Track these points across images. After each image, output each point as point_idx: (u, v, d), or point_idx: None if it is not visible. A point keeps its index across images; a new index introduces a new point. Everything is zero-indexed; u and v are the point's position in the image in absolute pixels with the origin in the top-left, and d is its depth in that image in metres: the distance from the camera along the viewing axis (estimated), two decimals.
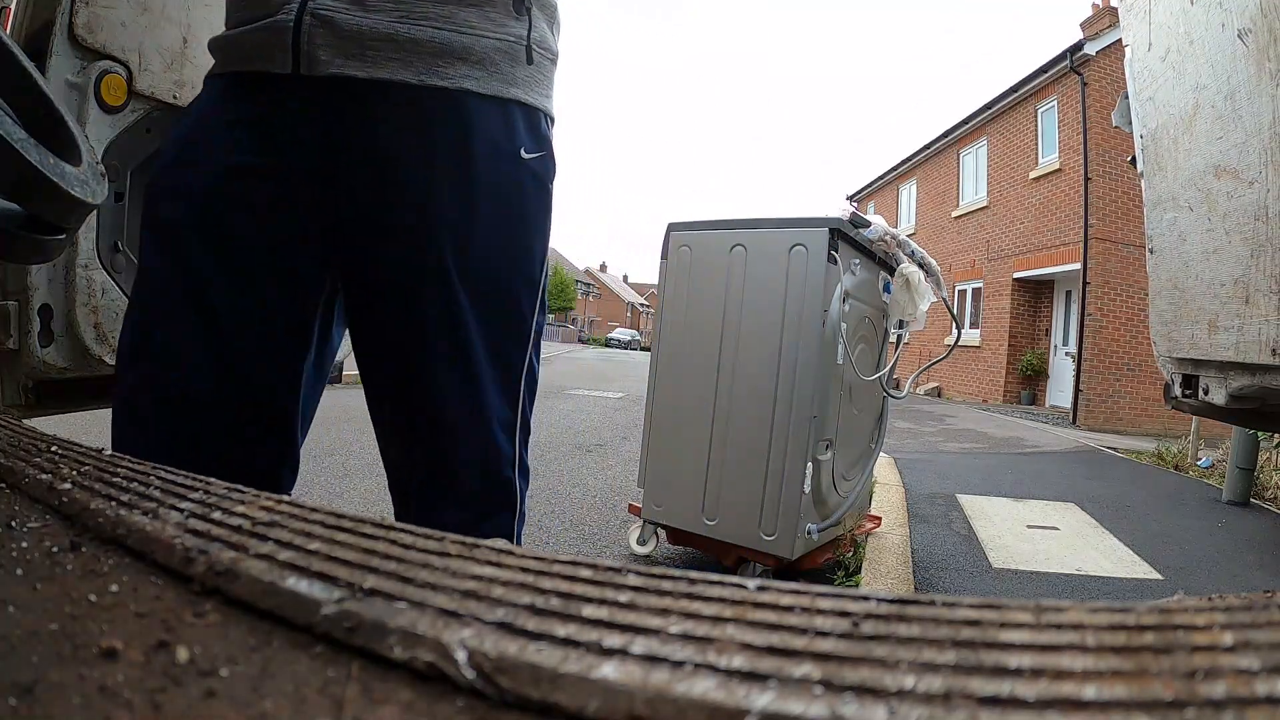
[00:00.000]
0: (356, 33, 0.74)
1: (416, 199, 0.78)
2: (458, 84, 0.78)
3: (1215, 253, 1.60)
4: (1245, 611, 0.26)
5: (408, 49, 0.76)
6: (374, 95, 0.76)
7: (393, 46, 0.75)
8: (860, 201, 17.78)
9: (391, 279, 0.80)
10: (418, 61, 0.76)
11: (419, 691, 0.22)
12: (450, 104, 0.78)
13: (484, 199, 0.80)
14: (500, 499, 0.88)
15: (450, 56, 0.77)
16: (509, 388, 0.87)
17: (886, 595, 0.27)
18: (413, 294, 0.80)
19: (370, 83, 0.75)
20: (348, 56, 0.75)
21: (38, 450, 0.45)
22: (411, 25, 0.76)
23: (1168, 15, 1.76)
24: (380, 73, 0.75)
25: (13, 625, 0.25)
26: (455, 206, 0.79)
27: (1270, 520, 4.00)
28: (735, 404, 2.27)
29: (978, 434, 7.45)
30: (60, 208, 0.47)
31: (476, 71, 0.79)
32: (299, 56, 0.74)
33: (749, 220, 2.34)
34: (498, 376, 0.85)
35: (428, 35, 0.76)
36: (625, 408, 7.39)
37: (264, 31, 0.75)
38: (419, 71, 0.76)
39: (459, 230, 0.79)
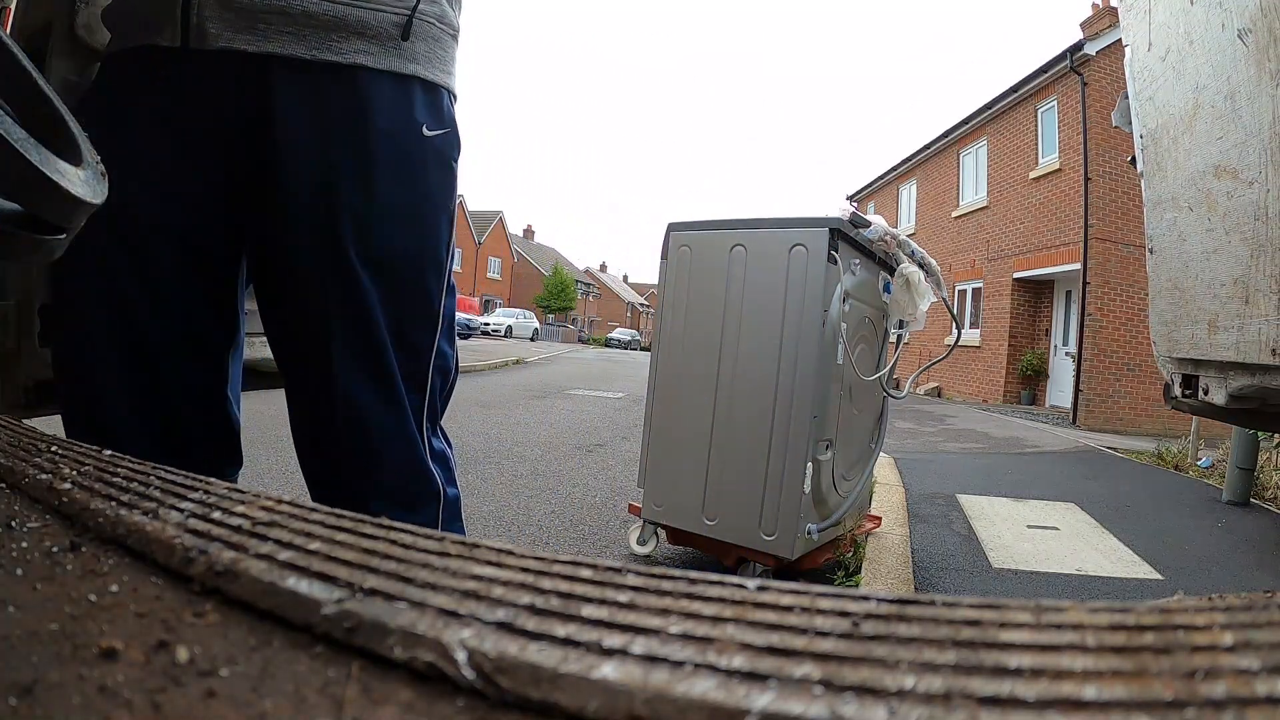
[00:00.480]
0: (248, 5, 0.72)
1: (313, 179, 0.75)
2: (351, 59, 0.75)
3: (1215, 253, 1.60)
4: (1245, 611, 0.26)
5: (300, 22, 0.73)
6: (265, 70, 0.73)
7: (284, 19, 0.73)
8: (860, 201, 17.77)
9: (293, 263, 0.78)
10: (310, 35, 0.74)
11: (419, 691, 0.22)
12: (345, 80, 0.75)
13: (384, 179, 0.77)
14: (422, 489, 0.86)
15: (344, 30, 0.75)
16: (417, 374, 0.85)
17: (886, 595, 0.27)
18: (314, 278, 0.77)
19: (261, 57, 0.72)
20: (237, 30, 0.72)
21: (38, 450, 0.45)
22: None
23: (1168, 15, 1.76)
24: (271, 46, 0.72)
25: (13, 625, 0.25)
26: (354, 187, 0.76)
27: (1270, 520, 4.00)
28: (735, 404, 2.27)
29: (978, 434, 7.46)
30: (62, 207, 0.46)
31: (372, 47, 0.76)
32: (188, 29, 0.71)
33: (749, 220, 2.34)
34: (406, 363, 0.83)
35: (321, 8, 0.73)
36: (625, 408, 7.39)
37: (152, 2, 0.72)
38: (311, 46, 0.74)
39: (359, 211, 0.77)
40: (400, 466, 0.84)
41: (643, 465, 2.51)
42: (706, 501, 2.32)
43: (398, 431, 0.83)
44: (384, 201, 0.78)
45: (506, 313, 31.96)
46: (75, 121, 0.49)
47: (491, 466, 3.87)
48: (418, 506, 0.86)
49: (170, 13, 0.71)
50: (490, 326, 27.85)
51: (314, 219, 0.76)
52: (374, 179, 0.77)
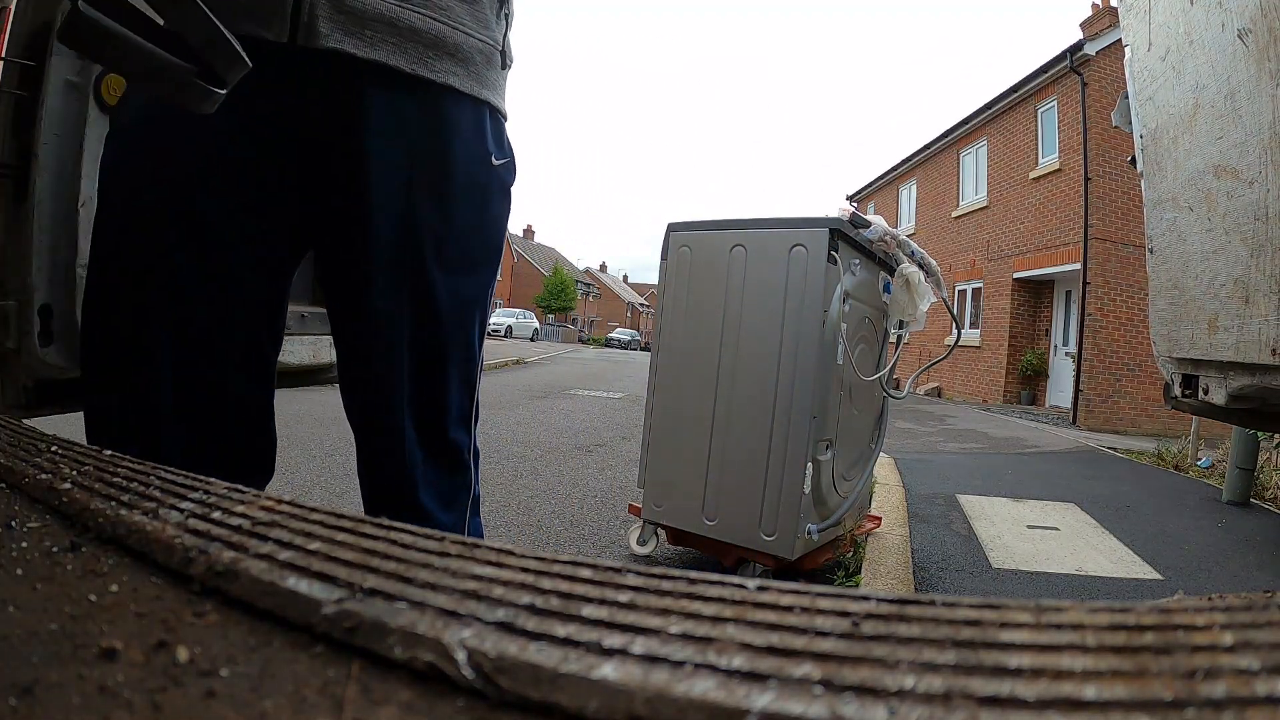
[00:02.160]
0: (360, 11, 0.73)
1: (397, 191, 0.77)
2: (444, 79, 0.78)
3: (1215, 253, 1.60)
4: (1245, 611, 0.26)
5: (405, 35, 0.75)
6: (366, 76, 0.75)
7: (391, 30, 0.74)
8: (860, 201, 17.78)
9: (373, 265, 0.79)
10: (412, 49, 0.76)
11: (419, 691, 0.22)
12: (433, 99, 0.78)
13: (460, 202, 0.81)
14: (460, 483, 0.91)
15: (441, 50, 0.78)
16: (469, 382, 0.91)
17: (886, 595, 0.27)
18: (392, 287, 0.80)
19: (365, 63, 0.74)
20: (347, 33, 0.73)
21: (38, 450, 0.45)
22: (411, 12, 0.75)
23: (1168, 15, 1.76)
24: (376, 54, 0.74)
25: (13, 625, 0.25)
26: (434, 207, 0.80)
27: (1270, 520, 4.00)
28: (735, 404, 2.27)
29: (978, 434, 7.46)
30: (235, 65, 0.59)
31: (460, 69, 0.80)
32: (298, 26, 0.71)
33: (749, 220, 2.34)
34: (463, 373, 0.89)
35: (425, 25, 0.76)
36: (625, 408, 7.39)
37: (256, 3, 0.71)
38: (412, 60, 0.76)
39: (438, 230, 0.80)
40: (450, 460, 0.89)
41: (643, 465, 2.51)
42: (706, 502, 2.32)
43: (454, 427, 0.89)
44: (459, 223, 0.82)
45: (506, 313, 31.97)
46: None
47: (492, 466, 3.86)
48: (455, 499, 0.91)
49: (281, 8, 0.71)
50: (490, 327, 27.78)
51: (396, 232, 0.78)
52: (452, 201, 0.81)
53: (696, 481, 2.33)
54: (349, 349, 0.86)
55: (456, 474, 0.91)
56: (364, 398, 0.87)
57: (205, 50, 0.57)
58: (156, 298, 0.74)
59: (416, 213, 0.79)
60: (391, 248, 0.79)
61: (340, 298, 0.84)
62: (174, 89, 0.58)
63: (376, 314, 0.81)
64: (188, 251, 0.74)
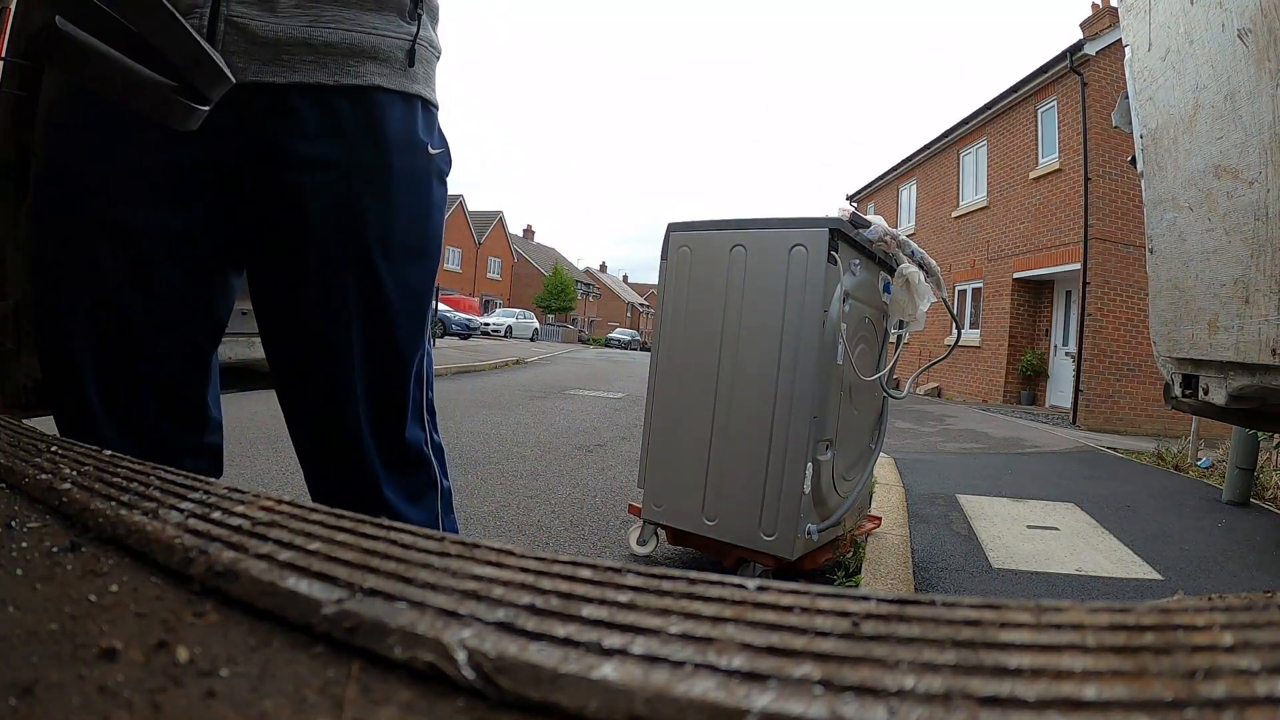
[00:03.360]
0: (272, 40, 0.76)
1: (339, 194, 0.80)
2: (369, 80, 0.81)
3: (1215, 253, 1.60)
4: (1245, 611, 0.26)
5: (321, 51, 0.78)
6: (290, 97, 0.78)
7: (306, 50, 0.77)
8: (860, 201, 17.78)
9: (314, 264, 0.81)
10: (330, 63, 0.79)
11: (419, 691, 0.22)
12: (363, 100, 0.81)
13: (399, 191, 0.84)
14: (425, 481, 0.92)
15: (360, 56, 0.81)
16: (421, 376, 0.92)
17: (886, 595, 0.27)
18: (336, 279, 0.82)
19: (287, 86, 0.77)
20: (264, 62, 0.76)
21: (38, 450, 0.45)
22: (322, 29, 0.78)
23: (1168, 15, 1.76)
24: (296, 76, 0.77)
25: (13, 625, 0.25)
26: (375, 199, 0.82)
27: (1270, 520, 4.00)
28: (735, 404, 2.27)
29: (978, 434, 7.46)
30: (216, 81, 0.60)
31: (384, 69, 0.82)
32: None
33: (749, 220, 2.34)
34: (417, 367, 0.90)
35: (338, 37, 0.79)
36: (625, 408, 7.39)
37: None
38: (333, 72, 0.79)
39: (380, 221, 0.83)
40: (410, 459, 0.90)
41: (643, 465, 2.51)
42: (706, 502, 2.32)
43: (411, 424, 0.89)
44: (400, 213, 0.84)
45: (506, 313, 31.95)
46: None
47: (492, 467, 3.86)
48: (422, 498, 0.92)
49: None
50: (490, 327, 27.83)
51: (340, 229, 0.81)
52: (392, 191, 0.83)
53: (696, 482, 2.33)
54: (292, 354, 0.87)
55: (420, 471, 0.92)
56: (314, 405, 0.87)
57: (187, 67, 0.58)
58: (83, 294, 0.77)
59: (359, 206, 0.81)
60: (336, 244, 0.81)
61: (281, 303, 0.85)
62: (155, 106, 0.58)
63: (325, 313, 0.83)
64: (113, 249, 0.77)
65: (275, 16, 0.76)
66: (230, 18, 0.74)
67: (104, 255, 0.77)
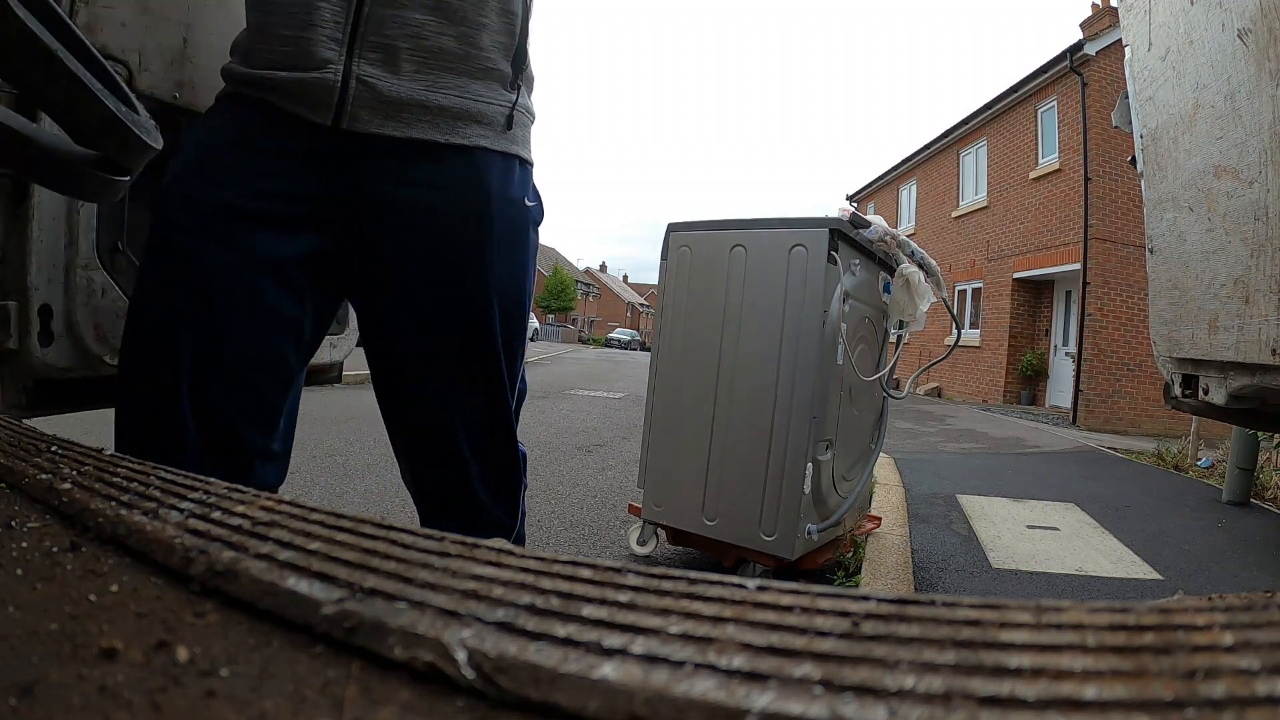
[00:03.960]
0: (394, 99, 0.86)
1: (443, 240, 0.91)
2: (475, 141, 0.92)
3: (1215, 253, 1.60)
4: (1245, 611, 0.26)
5: (435, 113, 0.89)
6: (405, 150, 0.88)
7: (423, 110, 0.88)
8: (860, 201, 17.77)
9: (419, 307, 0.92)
10: (443, 124, 0.90)
11: (419, 691, 0.22)
12: (469, 158, 0.92)
13: (501, 239, 0.94)
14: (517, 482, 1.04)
15: (468, 119, 0.91)
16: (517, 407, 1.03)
17: (886, 595, 0.27)
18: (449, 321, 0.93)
19: (403, 140, 0.88)
20: (385, 118, 0.86)
21: (38, 450, 0.45)
22: (437, 94, 0.89)
23: (1168, 15, 1.76)
24: (413, 132, 0.88)
25: (13, 625, 0.25)
26: (476, 245, 0.92)
27: (1270, 520, 4.00)
28: (735, 404, 2.27)
29: (978, 434, 7.46)
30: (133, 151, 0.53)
31: (488, 132, 0.93)
32: (341, 113, 0.85)
33: (749, 220, 2.34)
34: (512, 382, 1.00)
35: (450, 102, 0.90)
36: (625, 408, 7.39)
37: (307, 83, 0.84)
38: (444, 132, 0.90)
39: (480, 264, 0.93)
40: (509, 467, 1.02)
41: (643, 465, 2.50)
42: (706, 502, 2.32)
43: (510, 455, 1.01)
44: (499, 255, 0.94)
45: None
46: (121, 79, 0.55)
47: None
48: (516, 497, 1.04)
49: (328, 99, 0.85)
50: None
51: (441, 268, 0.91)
52: (496, 238, 0.93)
53: (696, 481, 2.33)
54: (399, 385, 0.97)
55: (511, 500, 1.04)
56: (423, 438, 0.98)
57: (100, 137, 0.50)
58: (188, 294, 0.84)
59: (462, 251, 0.92)
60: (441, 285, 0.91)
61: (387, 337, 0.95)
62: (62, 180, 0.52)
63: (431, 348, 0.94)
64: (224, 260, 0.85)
65: (398, 79, 0.86)
66: (360, 76, 0.85)
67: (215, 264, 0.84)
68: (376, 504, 2.96)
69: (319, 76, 0.84)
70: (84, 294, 1.03)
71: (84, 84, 0.47)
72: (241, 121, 0.88)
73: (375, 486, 3.20)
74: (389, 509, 2.91)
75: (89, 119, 0.49)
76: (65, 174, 0.51)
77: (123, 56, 1.05)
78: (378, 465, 3.61)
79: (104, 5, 1.02)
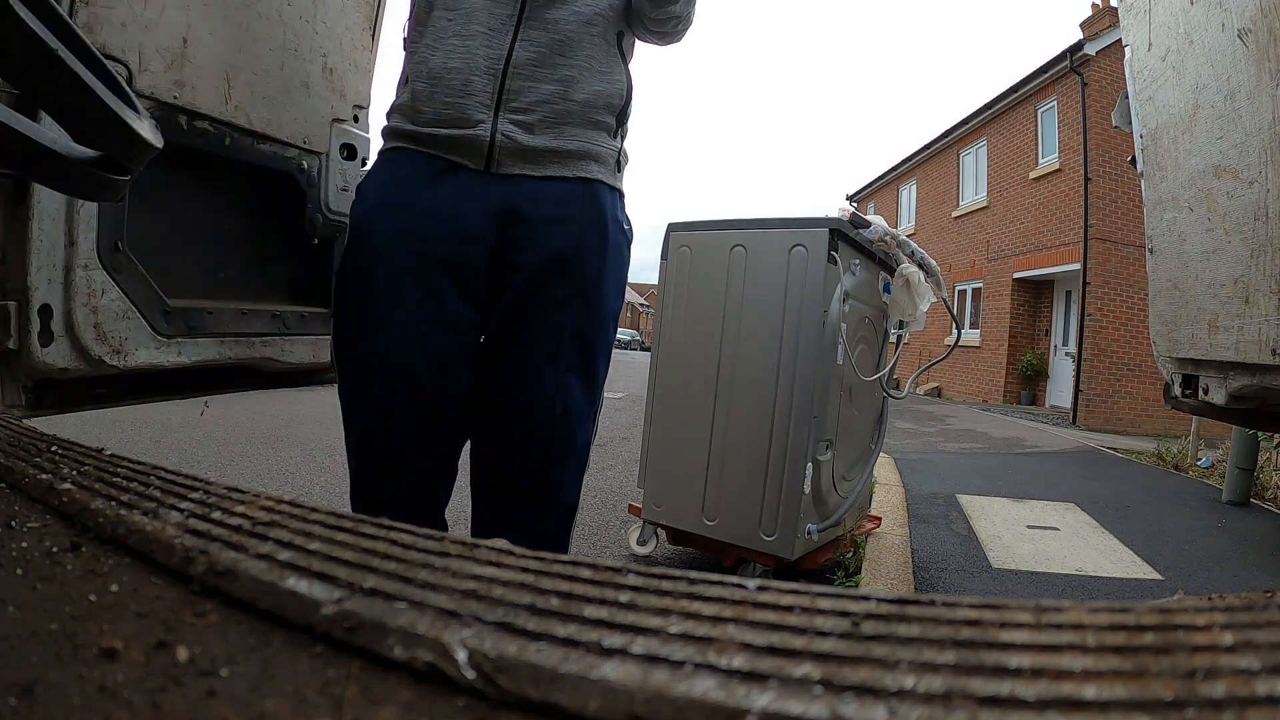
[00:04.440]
0: (531, 149, 1.11)
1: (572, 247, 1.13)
2: (595, 176, 1.16)
3: (1215, 253, 1.60)
4: (1245, 611, 0.26)
5: (563, 156, 1.13)
6: (541, 186, 1.12)
7: (553, 155, 1.12)
8: (860, 201, 17.77)
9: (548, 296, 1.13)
10: (570, 164, 1.14)
11: (419, 691, 0.22)
12: (589, 188, 1.15)
13: (611, 251, 1.18)
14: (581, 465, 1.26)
15: (588, 159, 1.15)
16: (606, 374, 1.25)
17: (886, 595, 0.27)
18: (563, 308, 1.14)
19: (541, 178, 1.12)
20: (525, 163, 1.11)
21: (38, 450, 0.45)
22: (564, 141, 1.13)
23: (1168, 15, 1.76)
24: (547, 172, 1.12)
25: (13, 625, 0.25)
26: (595, 254, 1.15)
27: (1270, 520, 4.00)
28: (735, 404, 2.27)
29: (978, 434, 7.45)
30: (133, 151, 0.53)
31: (602, 169, 1.17)
32: (491, 162, 1.10)
33: (749, 220, 2.34)
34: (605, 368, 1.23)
35: (575, 146, 1.14)
36: (625, 408, 7.38)
37: (464, 139, 1.09)
38: (572, 169, 1.14)
39: (596, 267, 1.16)
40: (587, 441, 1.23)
41: (643, 465, 2.50)
42: (706, 502, 2.32)
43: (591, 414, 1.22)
44: (609, 260, 1.18)
45: None
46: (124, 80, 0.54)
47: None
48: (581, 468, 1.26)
49: (479, 150, 1.10)
50: None
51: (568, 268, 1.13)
52: (606, 250, 1.17)
53: (696, 481, 2.33)
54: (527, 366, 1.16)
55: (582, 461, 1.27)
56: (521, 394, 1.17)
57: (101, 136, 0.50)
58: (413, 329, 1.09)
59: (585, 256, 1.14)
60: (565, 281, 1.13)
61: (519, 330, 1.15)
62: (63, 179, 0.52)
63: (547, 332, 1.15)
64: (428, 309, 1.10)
65: (532, 135, 1.11)
66: (504, 133, 1.09)
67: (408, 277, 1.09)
68: None
69: (474, 135, 1.09)
70: (84, 294, 1.03)
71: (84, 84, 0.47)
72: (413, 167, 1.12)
73: None
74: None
75: (89, 118, 0.49)
76: (65, 174, 0.51)
77: (123, 56, 1.05)
78: None
79: (104, 5, 1.02)
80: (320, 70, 1.34)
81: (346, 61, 1.39)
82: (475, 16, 1.11)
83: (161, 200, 1.13)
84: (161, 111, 1.12)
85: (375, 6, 1.47)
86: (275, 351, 1.30)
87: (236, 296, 1.26)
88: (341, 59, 1.38)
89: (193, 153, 1.14)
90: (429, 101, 1.11)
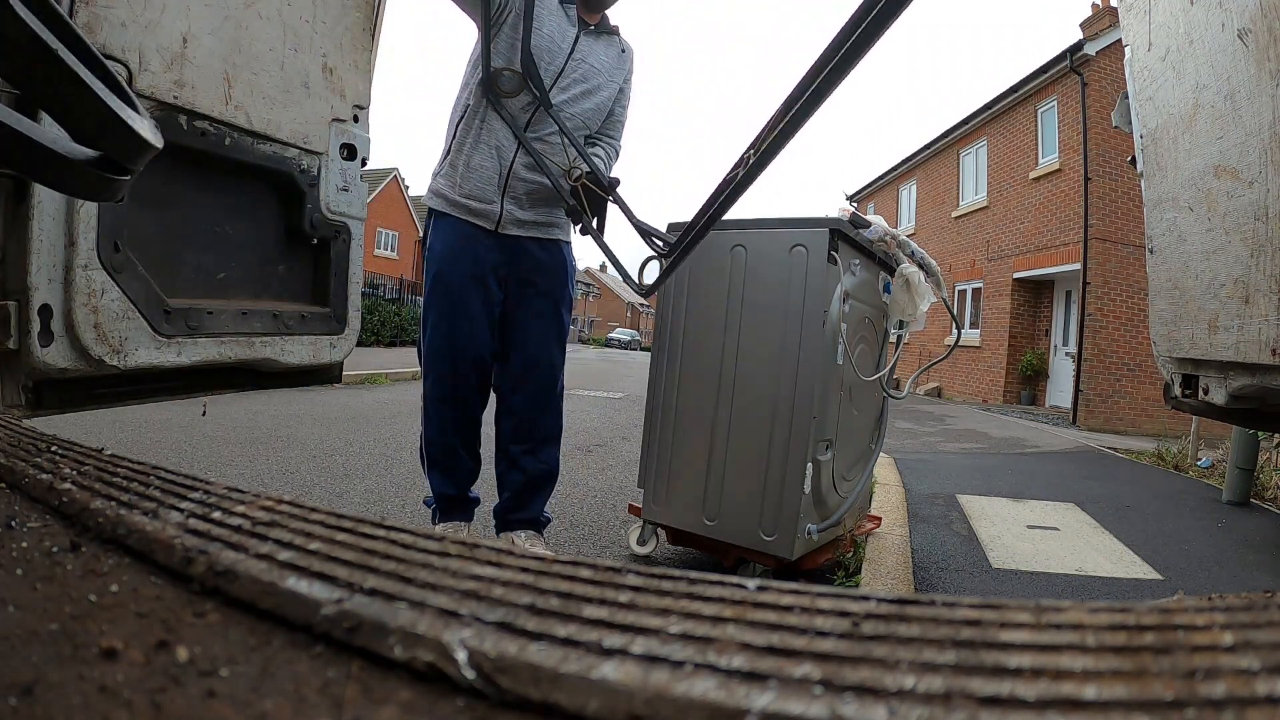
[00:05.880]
0: (525, 220, 2.00)
1: (552, 282, 2.08)
2: (558, 237, 2.08)
3: (1215, 253, 1.60)
4: (1245, 611, 0.26)
5: (544, 223, 2.04)
6: (528, 243, 2.03)
7: (537, 224, 2.02)
8: (860, 201, 17.77)
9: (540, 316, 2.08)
10: (548, 228, 2.05)
11: (419, 691, 0.22)
12: (558, 246, 2.09)
13: (568, 283, 2.13)
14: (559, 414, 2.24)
15: (556, 226, 2.06)
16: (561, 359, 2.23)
17: (886, 595, 0.27)
18: (550, 321, 2.10)
19: (528, 238, 2.02)
20: (520, 228, 2.00)
21: (38, 450, 0.45)
22: (545, 214, 2.04)
23: (1168, 15, 1.76)
24: (535, 234, 2.03)
25: (13, 625, 0.25)
26: (561, 286, 2.10)
27: (1270, 520, 4.00)
28: (735, 404, 2.27)
29: (978, 434, 7.46)
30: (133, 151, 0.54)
31: (563, 232, 2.10)
32: (498, 225, 1.98)
33: (749, 220, 2.34)
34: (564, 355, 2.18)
35: (555, 219, 2.05)
36: (625, 408, 7.39)
37: (484, 211, 1.97)
38: (548, 231, 2.06)
39: (563, 294, 2.11)
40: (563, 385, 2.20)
41: (643, 465, 2.51)
42: (706, 502, 2.32)
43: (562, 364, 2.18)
44: (567, 288, 2.12)
45: None
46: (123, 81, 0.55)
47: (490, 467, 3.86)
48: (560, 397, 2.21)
49: (492, 219, 1.98)
50: None
51: (552, 293, 2.09)
52: (567, 285, 2.12)
53: (696, 481, 2.33)
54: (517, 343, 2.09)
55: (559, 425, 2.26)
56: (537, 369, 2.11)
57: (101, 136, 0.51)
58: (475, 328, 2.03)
59: (556, 288, 2.09)
60: (550, 304, 2.09)
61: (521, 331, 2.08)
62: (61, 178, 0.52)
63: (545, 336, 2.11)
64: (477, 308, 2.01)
65: (524, 210, 2.00)
66: (509, 210, 1.97)
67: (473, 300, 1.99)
68: (376, 504, 2.95)
69: (491, 208, 1.97)
70: (84, 294, 1.03)
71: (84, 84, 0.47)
72: (459, 228, 1.98)
73: (375, 486, 3.20)
74: (389, 509, 2.91)
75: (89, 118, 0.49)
76: (65, 174, 0.51)
77: (123, 56, 1.05)
78: (378, 465, 3.61)
79: (104, 5, 1.02)
80: (320, 70, 1.34)
81: (346, 61, 1.39)
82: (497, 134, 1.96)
83: (161, 200, 1.13)
84: (161, 111, 1.12)
85: (375, 6, 1.47)
86: (275, 351, 1.30)
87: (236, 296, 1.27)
88: (341, 59, 1.38)
89: (193, 153, 1.14)
90: (466, 183, 1.97)
